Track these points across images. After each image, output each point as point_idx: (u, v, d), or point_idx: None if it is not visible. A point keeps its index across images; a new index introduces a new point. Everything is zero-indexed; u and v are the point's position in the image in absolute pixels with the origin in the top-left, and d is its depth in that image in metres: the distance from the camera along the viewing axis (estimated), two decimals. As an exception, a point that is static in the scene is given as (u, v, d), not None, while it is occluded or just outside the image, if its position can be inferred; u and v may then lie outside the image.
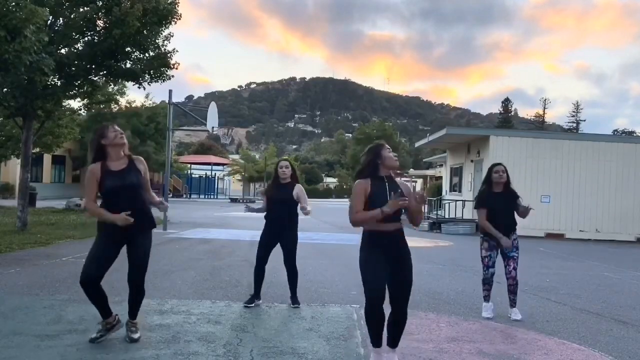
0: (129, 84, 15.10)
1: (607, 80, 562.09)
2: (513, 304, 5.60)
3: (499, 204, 5.45)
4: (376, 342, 3.65)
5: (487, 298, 5.63)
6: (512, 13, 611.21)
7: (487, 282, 5.61)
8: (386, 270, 3.62)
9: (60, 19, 12.33)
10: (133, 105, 34.24)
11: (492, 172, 5.52)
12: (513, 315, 5.53)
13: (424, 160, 52.70)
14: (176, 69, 13.42)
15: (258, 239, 5.70)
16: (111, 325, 4.08)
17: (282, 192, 5.54)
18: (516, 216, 5.53)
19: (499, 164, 5.63)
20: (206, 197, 45.24)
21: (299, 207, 5.63)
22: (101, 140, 4.00)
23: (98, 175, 3.95)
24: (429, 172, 50.54)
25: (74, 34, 12.14)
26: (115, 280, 4.80)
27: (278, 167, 5.65)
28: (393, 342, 3.72)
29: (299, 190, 5.58)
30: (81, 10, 12.12)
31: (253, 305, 5.47)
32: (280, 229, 5.54)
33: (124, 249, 4.06)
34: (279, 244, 5.60)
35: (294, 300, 5.61)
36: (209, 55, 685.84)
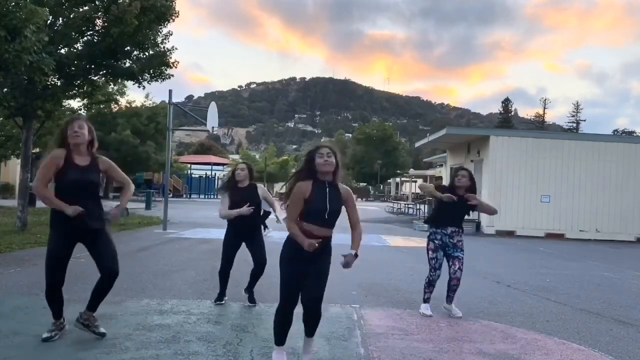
0: (129, 83, 15.13)
1: (608, 79, 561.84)
2: (450, 300, 5.62)
3: (451, 205, 5.48)
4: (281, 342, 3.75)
5: (427, 300, 5.64)
6: (514, 12, 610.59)
7: (432, 284, 5.60)
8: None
9: (60, 18, 12.33)
10: (133, 105, 34.25)
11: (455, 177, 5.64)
12: (452, 311, 5.54)
13: (424, 160, 52.70)
14: (175, 67, 13.43)
15: None
16: (62, 325, 4.15)
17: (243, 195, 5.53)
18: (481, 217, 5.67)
19: (464, 168, 5.75)
20: (206, 197, 45.23)
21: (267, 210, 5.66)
22: (65, 133, 4.04)
23: (60, 163, 3.95)
24: (429, 172, 50.54)
25: (73, 33, 12.15)
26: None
27: (235, 169, 5.68)
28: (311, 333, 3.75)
29: (262, 192, 5.63)
30: (80, 10, 12.13)
31: (223, 302, 5.54)
32: (244, 232, 5.55)
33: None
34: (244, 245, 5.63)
35: (251, 297, 5.63)
36: (208, 54, 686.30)
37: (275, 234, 11.89)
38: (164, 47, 13.10)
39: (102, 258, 4.05)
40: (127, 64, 12.96)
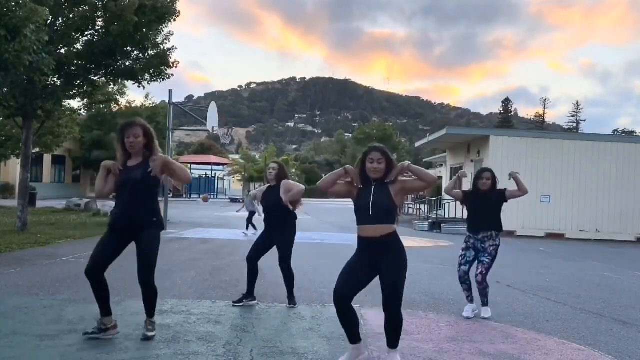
0: (129, 83, 15.11)
1: (611, 78, 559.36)
2: (482, 303, 5.60)
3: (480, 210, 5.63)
4: (350, 339, 3.71)
5: (469, 298, 5.59)
6: (517, 10, 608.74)
7: (463, 282, 5.57)
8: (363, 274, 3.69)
9: (60, 18, 12.33)
10: (133, 105, 34.25)
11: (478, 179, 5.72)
12: (482, 312, 5.53)
13: (424, 160, 52.63)
14: (175, 67, 13.43)
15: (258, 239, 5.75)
16: (106, 327, 4.08)
17: (271, 194, 5.63)
18: (502, 219, 5.72)
19: (487, 170, 5.82)
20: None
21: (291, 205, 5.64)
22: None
23: (115, 169, 4.17)
24: (429, 172, 50.54)
25: (73, 33, 12.15)
26: (115, 280, 4.80)
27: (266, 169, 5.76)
28: (390, 343, 3.72)
29: (283, 185, 5.55)
30: (80, 9, 12.13)
31: (242, 304, 5.52)
32: (273, 231, 5.60)
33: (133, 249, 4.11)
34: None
35: (291, 300, 5.64)
36: (208, 53, 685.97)
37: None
38: (164, 47, 13.10)
39: (138, 265, 4.07)
40: (127, 64, 12.96)
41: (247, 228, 14.08)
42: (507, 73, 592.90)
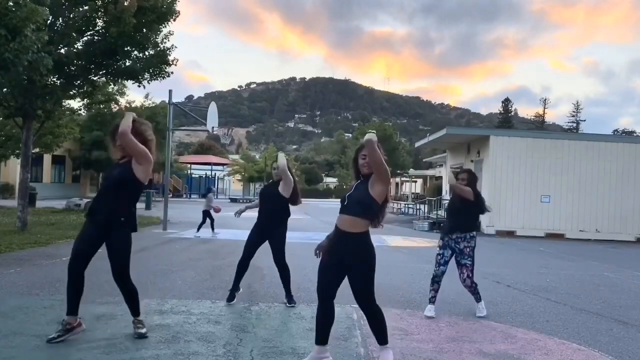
0: (129, 83, 15.12)
1: (614, 77, 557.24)
2: (476, 300, 5.67)
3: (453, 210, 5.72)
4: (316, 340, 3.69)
5: (433, 299, 5.57)
6: (519, 8, 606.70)
7: (437, 281, 5.57)
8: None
9: (60, 18, 12.33)
10: (133, 105, 34.22)
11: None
12: (477, 311, 5.57)
13: (424, 160, 52.71)
14: (175, 65, 13.43)
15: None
16: (71, 326, 4.04)
17: (268, 189, 5.79)
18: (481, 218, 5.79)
19: (464, 170, 5.85)
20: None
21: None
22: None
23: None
24: (429, 172, 50.56)
25: (73, 33, 12.15)
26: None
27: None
28: (379, 340, 3.71)
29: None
30: (80, 9, 12.13)
31: (234, 300, 5.58)
32: (267, 226, 5.66)
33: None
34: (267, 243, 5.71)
35: (290, 299, 5.64)
36: (207, 52, 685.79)
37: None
38: (163, 47, 13.10)
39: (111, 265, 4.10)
40: (127, 64, 12.95)
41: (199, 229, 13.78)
42: (508, 72, 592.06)
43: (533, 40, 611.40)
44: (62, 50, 12.32)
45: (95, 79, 13.48)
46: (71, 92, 13.42)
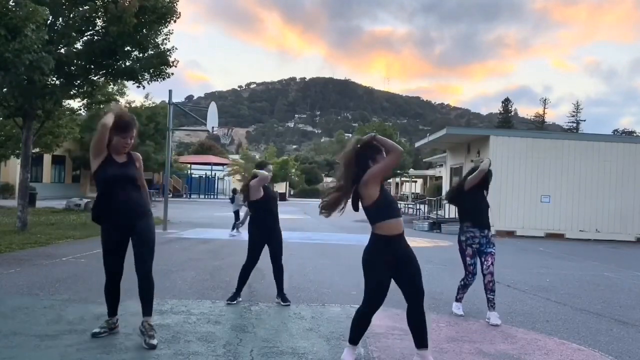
0: (129, 83, 15.11)
1: (616, 77, 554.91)
2: (492, 305, 5.37)
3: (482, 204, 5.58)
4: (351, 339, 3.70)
5: (460, 300, 5.68)
6: (520, 7, 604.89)
7: (467, 287, 5.60)
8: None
9: (60, 18, 12.33)
10: (133, 105, 34.23)
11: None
12: (492, 319, 5.26)
13: (424, 160, 52.68)
14: (175, 66, 13.43)
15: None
16: (114, 325, 4.24)
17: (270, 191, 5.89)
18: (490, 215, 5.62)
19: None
20: (206, 197, 45.21)
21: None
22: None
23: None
24: (429, 172, 50.54)
25: (73, 33, 12.14)
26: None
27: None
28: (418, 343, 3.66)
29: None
30: (80, 9, 12.13)
31: (235, 302, 5.58)
32: (270, 227, 5.72)
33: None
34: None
35: (284, 297, 5.67)
36: (206, 51, 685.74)
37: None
38: (164, 47, 13.10)
39: (136, 258, 4.11)
40: (127, 64, 12.95)
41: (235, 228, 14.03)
42: (509, 72, 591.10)
43: (534, 40, 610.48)
44: (62, 50, 12.32)
45: (95, 79, 13.47)
46: (71, 92, 13.41)
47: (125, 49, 12.53)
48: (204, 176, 48.24)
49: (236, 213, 14.43)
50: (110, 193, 4.01)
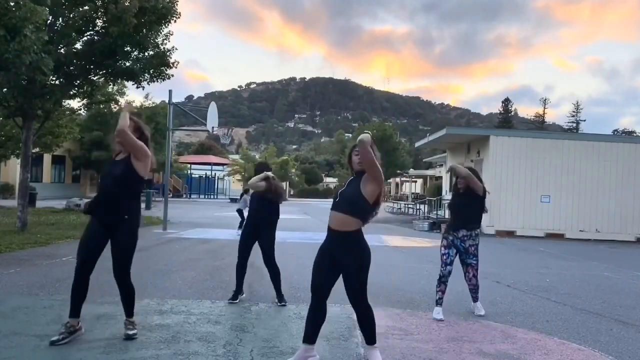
0: (129, 83, 15.11)
1: (618, 76, 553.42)
2: (474, 299, 5.73)
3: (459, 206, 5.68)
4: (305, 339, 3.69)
5: (440, 301, 5.49)
6: (522, 6, 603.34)
7: (444, 282, 5.50)
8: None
9: (60, 18, 12.33)
10: (133, 106, 34.24)
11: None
12: (476, 310, 5.63)
13: (424, 160, 52.71)
14: (175, 67, 13.43)
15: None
16: (75, 329, 4.07)
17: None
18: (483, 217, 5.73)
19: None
20: (206, 197, 45.23)
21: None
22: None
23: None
24: (429, 172, 50.56)
25: (73, 33, 12.15)
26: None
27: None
28: (368, 340, 3.72)
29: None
30: (80, 9, 12.13)
31: (237, 301, 5.62)
32: (261, 225, 5.74)
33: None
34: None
35: (281, 298, 5.69)
36: (206, 51, 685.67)
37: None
38: (164, 48, 13.10)
39: (112, 264, 4.11)
40: (127, 64, 12.95)
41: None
42: (510, 71, 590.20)
43: (536, 39, 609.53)
44: (62, 50, 12.32)
45: (95, 79, 13.47)
46: (71, 92, 13.41)
47: (125, 49, 12.53)
48: (204, 176, 48.26)
49: (239, 211, 14.42)
50: (99, 189, 4.22)
